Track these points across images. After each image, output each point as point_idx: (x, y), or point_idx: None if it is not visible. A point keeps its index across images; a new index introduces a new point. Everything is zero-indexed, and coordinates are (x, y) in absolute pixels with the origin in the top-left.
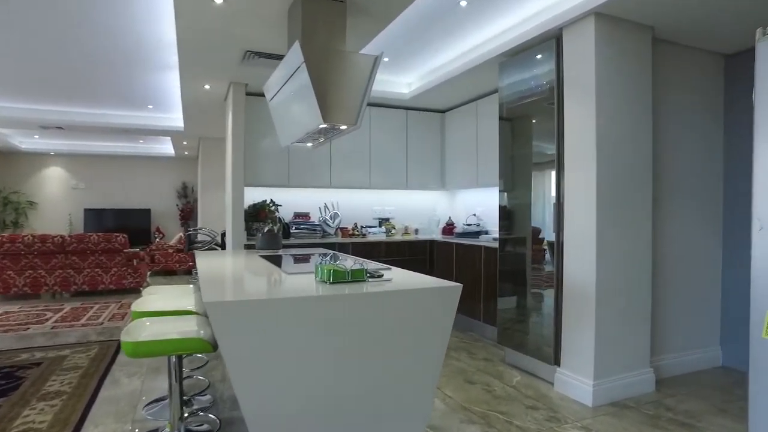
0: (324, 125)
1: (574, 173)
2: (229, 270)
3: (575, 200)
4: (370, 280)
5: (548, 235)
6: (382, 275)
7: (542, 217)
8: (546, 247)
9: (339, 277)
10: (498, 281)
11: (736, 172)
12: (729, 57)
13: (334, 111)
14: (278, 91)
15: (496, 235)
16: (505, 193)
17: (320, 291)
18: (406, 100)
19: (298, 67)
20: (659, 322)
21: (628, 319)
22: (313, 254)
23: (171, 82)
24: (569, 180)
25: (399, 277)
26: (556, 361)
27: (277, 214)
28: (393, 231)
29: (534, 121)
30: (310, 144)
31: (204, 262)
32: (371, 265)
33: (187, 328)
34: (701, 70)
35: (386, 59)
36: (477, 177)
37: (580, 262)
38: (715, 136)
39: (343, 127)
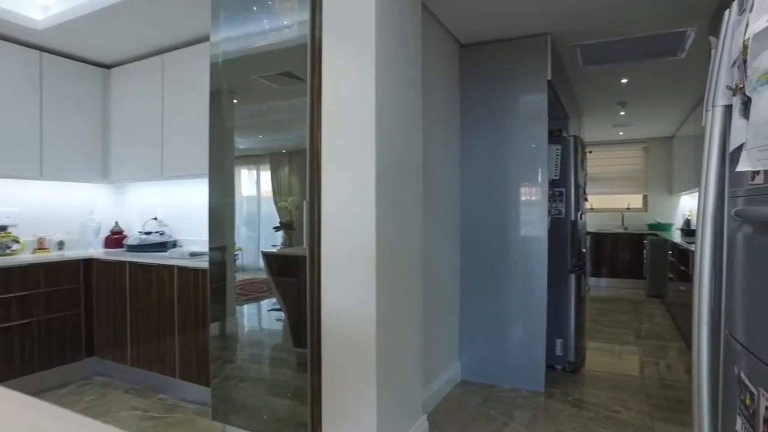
0: None
1: (339, 164)
2: None
3: (342, 203)
4: None
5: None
6: None
7: (271, 223)
8: (271, 268)
9: None
10: (207, 318)
11: (470, 174)
12: (463, 47)
13: None
14: None
15: (194, 248)
16: (217, 190)
17: None
18: (40, 32)
19: None
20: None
21: (405, 360)
22: None
23: None
24: (331, 174)
25: None
26: None
27: None
28: (16, 246)
29: (269, 86)
30: None
31: None
32: None
33: None
34: (444, 56)
35: None
36: (162, 166)
37: (352, 291)
38: (455, 132)
39: None
